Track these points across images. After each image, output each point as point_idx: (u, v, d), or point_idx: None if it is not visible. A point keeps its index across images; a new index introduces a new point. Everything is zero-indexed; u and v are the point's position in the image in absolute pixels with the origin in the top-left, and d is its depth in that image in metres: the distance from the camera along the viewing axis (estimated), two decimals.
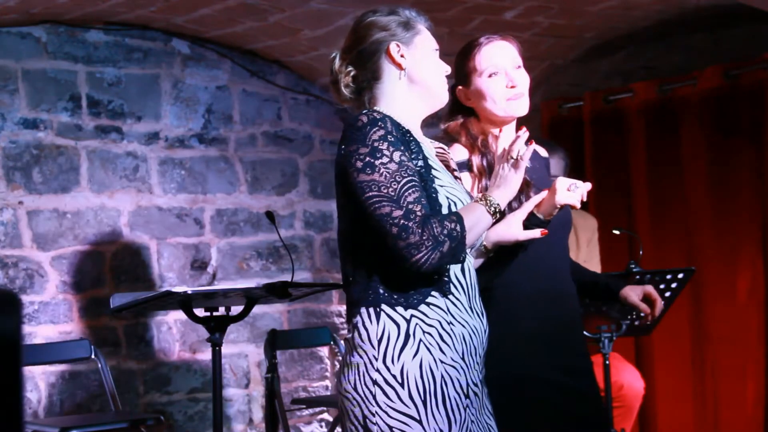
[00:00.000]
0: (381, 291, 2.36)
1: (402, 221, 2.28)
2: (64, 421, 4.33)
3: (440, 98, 2.55)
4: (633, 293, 3.05)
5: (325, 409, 5.38)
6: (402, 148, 2.35)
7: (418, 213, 2.29)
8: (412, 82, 2.49)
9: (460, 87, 2.84)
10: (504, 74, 2.79)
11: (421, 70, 2.50)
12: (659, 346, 4.91)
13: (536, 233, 2.60)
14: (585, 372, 2.84)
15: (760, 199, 4.68)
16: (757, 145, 4.69)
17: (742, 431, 4.72)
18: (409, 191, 2.30)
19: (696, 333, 4.86)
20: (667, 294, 3.97)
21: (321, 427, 5.42)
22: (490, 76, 2.79)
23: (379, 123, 2.35)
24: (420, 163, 2.38)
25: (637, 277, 3.89)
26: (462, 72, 2.84)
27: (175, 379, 4.98)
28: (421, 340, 2.33)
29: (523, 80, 2.81)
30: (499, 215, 2.42)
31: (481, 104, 2.81)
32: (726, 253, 4.78)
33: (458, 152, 2.76)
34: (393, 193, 2.29)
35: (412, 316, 2.34)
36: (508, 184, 2.46)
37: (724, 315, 4.77)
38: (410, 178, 2.32)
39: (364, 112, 2.40)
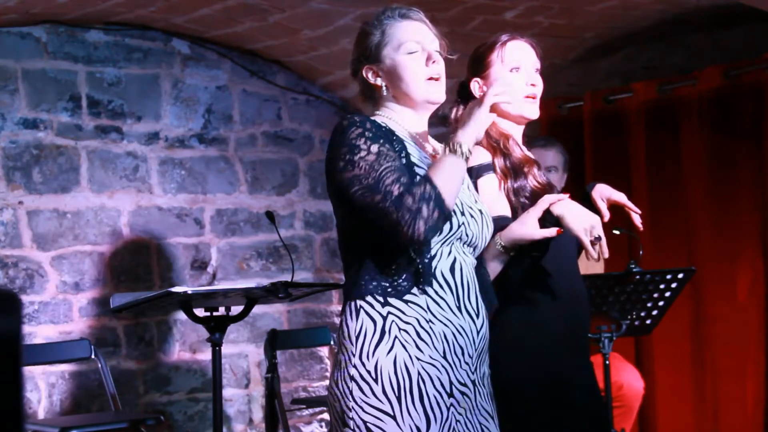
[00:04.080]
0: (363, 284, 2.38)
1: (380, 205, 2.31)
2: (64, 421, 4.33)
3: (427, 99, 2.52)
4: (599, 197, 2.88)
5: (325, 409, 5.37)
6: (381, 140, 2.38)
7: (395, 192, 2.31)
8: (395, 96, 2.53)
9: (476, 79, 2.84)
10: (525, 72, 2.80)
11: (396, 84, 2.51)
12: (659, 346, 4.91)
13: (552, 232, 2.57)
14: (591, 370, 2.86)
15: (760, 200, 4.68)
16: (757, 145, 4.69)
17: (742, 431, 4.72)
18: (387, 174, 2.33)
19: (696, 333, 4.86)
20: (667, 294, 3.97)
21: (321, 427, 5.42)
22: (511, 70, 2.80)
23: (358, 123, 2.40)
24: (403, 161, 2.40)
25: (637, 277, 3.89)
26: (480, 64, 2.84)
27: (175, 379, 4.98)
28: (396, 337, 2.35)
29: (540, 83, 2.83)
30: (468, 154, 2.37)
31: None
32: (726, 253, 4.77)
33: (480, 155, 2.75)
34: (372, 182, 2.33)
35: (389, 313, 2.36)
36: (473, 120, 2.40)
37: (724, 315, 4.77)
38: (389, 164, 2.35)
39: (347, 116, 2.45)
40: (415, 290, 2.38)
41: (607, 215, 2.83)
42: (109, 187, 4.87)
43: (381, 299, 2.37)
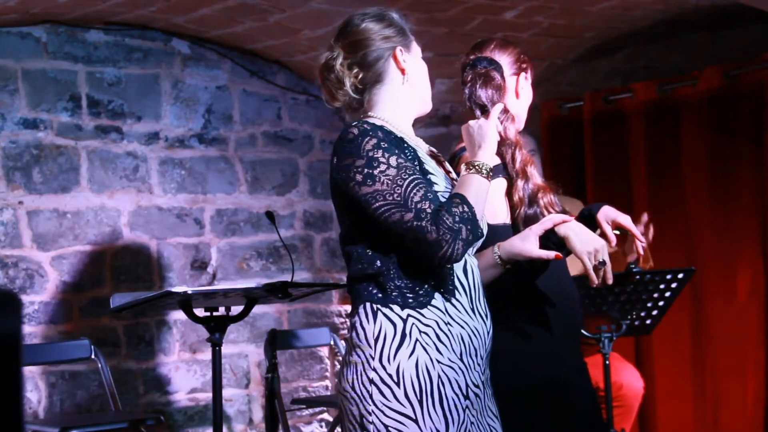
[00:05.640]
0: (380, 294, 2.37)
1: (415, 223, 2.30)
2: (64, 421, 4.33)
3: (428, 104, 2.63)
4: (605, 220, 2.86)
5: (325, 409, 5.38)
6: (397, 151, 2.37)
7: (428, 210, 2.30)
8: (412, 87, 2.55)
9: (524, 75, 2.91)
10: None
11: (417, 76, 2.57)
12: (659, 346, 4.91)
13: (550, 255, 2.54)
14: (586, 371, 2.86)
15: (760, 199, 4.68)
16: (758, 145, 4.69)
17: (742, 431, 4.72)
18: (414, 190, 2.32)
19: (696, 333, 4.86)
20: (667, 294, 3.97)
21: (321, 427, 5.42)
22: (531, 84, 2.94)
23: (370, 132, 2.37)
24: (417, 168, 2.40)
25: (637, 277, 3.89)
26: (525, 67, 2.91)
27: (175, 379, 4.98)
28: (417, 340, 2.34)
29: None
30: (492, 173, 2.45)
31: (521, 106, 2.90)
32: (726, 253, 4.78)
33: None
34: (399, 198, 2.31)
35: (408, 315, 2.35)
36: (485, 138, 2.49)
37: (724, 315, 4.77)
38: (411, 177, 2.34)
39: (354, 123, 2.41)
40: (437, 296, 2.38)
41: (613, 240, 2.80)
42: (109, 187, 4.87)
43: (401, 304, 2.36)
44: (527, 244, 2.56)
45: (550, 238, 2.59)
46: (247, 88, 5.30)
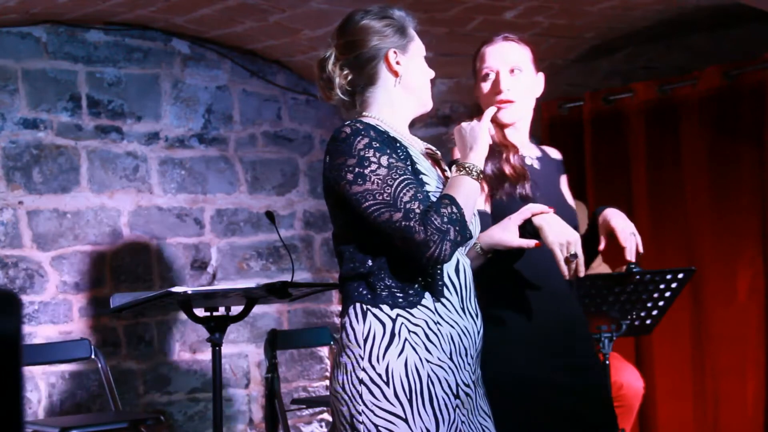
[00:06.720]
0: (370, 294, 2.37)
1: (404, 223, 2.30)
2: (64, 421, 4.33)
3: (426, 105, 2.59)
4: (603, 227, 2.82)
5: (325, 409, 5.38)
6: (388, 151, 2.37)
7: (417, 210, 2.30)
8: (405, 89, 2.53)
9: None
10: (494, 78, 2.81)
11: (413, 78, 2.54)
12: (659, 346, 4.91)
13: (530, 243, 2.57)
14: (588, 370, 2.83)
15: (760, 200, 4.68)
16: (758, 145, 4.69)
17: (742, 431, 4.72)
18: (404, 191, 2.32)
19: (696, 333, 4.86)
20: (667, 294, 3.97)
21: (321, 427, 5.42)
22: (483, 77, 2.83)
23: (362, 132, 2.36)
24: (408, 168, 2.39)
25: (638, 277, 3.89)
26: (473, 70, 2.88)
27: (175, 379, 4.98)
28: (406, 340, 2.34)
29: (515, 85, 2.81)
30: (482, 175, 2.44)
31: (481, 106, 2.83)
32: (726, 253, 4.78)
33: None
34: (389, 198, 2.31)
35: (398, 315, 2.35)
36: (477, 140, 2.48)
37: (724, 315, 4.77)
38: (402, 177, 2.34)
39: (347, 123, 2.41)
40: (427, 296, 2.38)
41: (601, 243, 2.80)
42: (109, 187, 4.87)
43: (391, 304, 2.37)
44: (507, 233, 2.59)
45: (526, 228, 2.61)
46: (247, 88, 5.31)
